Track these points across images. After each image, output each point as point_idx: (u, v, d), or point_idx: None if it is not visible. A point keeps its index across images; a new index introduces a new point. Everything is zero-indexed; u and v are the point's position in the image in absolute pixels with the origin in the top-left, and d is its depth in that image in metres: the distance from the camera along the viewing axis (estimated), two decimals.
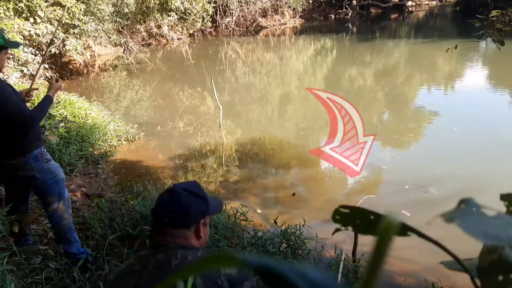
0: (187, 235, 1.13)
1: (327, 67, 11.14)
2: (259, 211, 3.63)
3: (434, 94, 7.62)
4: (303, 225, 2.81)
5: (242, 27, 17.87)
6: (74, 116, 5.11)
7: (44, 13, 8.01)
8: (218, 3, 16.37)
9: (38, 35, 7.82)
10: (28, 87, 2.44)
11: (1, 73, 2.19)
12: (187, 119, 6.67)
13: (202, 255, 0.99)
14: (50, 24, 8.23)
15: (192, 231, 1.14)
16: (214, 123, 6.17)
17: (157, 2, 11.38)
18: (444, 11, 22.31)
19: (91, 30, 9.39)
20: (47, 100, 2.22)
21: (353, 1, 21.76)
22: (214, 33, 17.61)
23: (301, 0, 19.56)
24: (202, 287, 0.99)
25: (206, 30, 17.26)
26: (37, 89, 2.31)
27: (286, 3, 19.03)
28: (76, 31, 8.95)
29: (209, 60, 12.77)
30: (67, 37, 8.77)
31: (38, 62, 7.90)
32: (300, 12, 20.47)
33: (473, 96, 7.10)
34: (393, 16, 21.58)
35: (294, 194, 4.01)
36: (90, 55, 10.63)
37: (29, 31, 7.56)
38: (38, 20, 7.94)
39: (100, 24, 9.97)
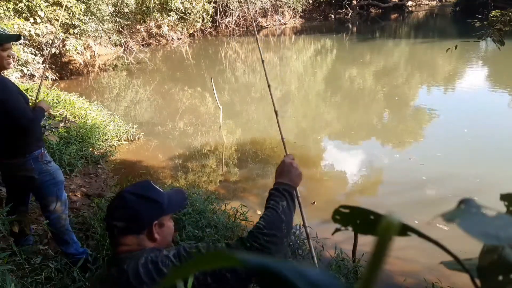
0: (140, 241, 1.05)
1: (327, 67, 11.15)
2: (259, 211, 3.63)
3: (434, 94, 7.62)
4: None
5: (242, 27, 17.87)
6: (74, 116, 5.11)
7: (44, 13, 8.01)
8: (218, 3, 16.38)
9: (38, 35, 7.83)
10: (29, 87, 2.44)
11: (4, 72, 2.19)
12: (187, 119, 6.67)
13: (177, 252, 0.99)
14: (50, 24, 8.23)
15: (145, 235, 1.05)
16: (214, 123, 6.17)
17: (157, 2, 11.38)
18: (444, 11, 22.32)
19: (91, 30, 9.40)
20: (42, 111, 2.22)
21: (353, 1, 21.76)
22: (214, 33, 17.61)
23: (301, 0, 19.56)
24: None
25: (206, 30, 17.27)
26: (41, 100, 2.32)
27: (286, 3, 19.04)
28: (76, 31, 8.95)
29: (209, 60, 12.77)
30: (67, 37, 8.77)
31: (38, 62, 7.90)
32: (300, 12, 20.48)
33: (473, 96, 7.10)
34: (393, 16, 21.59)
35: (314, 202, 3.72)
36: (90, 55, 10.64)
37: (29, 31, 7.56)
38: (38, 20, 7.94)
39: (100, 24, 9.97)
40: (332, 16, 21.58)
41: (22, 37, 2.25)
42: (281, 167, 1.24)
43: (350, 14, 21.22)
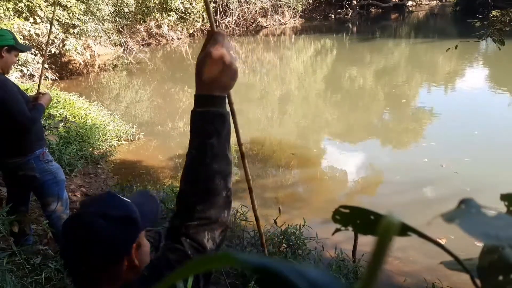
0: (119, 276, 0.79)
1: (327, 67, 11.15)
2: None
3: (434, 94, 7.62)
4: (303, 225, 2.81)
5: (242, 27, 17.87)
6: (74, 116, 5.11)
7: (44, 13, 8.01)
8: (218, 3, 16.37)
9: (38, 35, 7.83)
10: (29, 87, 2.45)
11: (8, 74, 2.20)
12: (187, 119, 6.58)
13: (164, 265, 0.76)
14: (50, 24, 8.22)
15: (124, 265, 0.79)
16: None
17: (157, 2, 11.38)
18: (444, 11, 22.32)
19: (90, 30, 9.39)
20: (42, 108, 2.22)
21: (353, 1, 21.76)
22: None
23: (301, 0, 19.56)
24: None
25: (206, 30, 17.26)
26: (45, 93, 2.31)
27: (286, 3, 19.03)
28: (75, 31, 8.95)
29: None
30: (67, 37, 8.77)
31: (38, 62, 7.90)
32: (300, 12, 20.47)
33: (473, 96, 7.10)
34: (393, 16, 21.59)
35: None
36: (90, 55, 10.64)
37: (29, 31, 7.56)
38: (38, 20, 7.94)
39: (100, 24, 9.97)
40: (332, 16, 21.58)
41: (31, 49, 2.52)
42: (205, 64, 0.75)
43: (350, 14, 21.22)
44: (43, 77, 8.49)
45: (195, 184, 0.77)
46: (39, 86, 2.55)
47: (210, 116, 0.75)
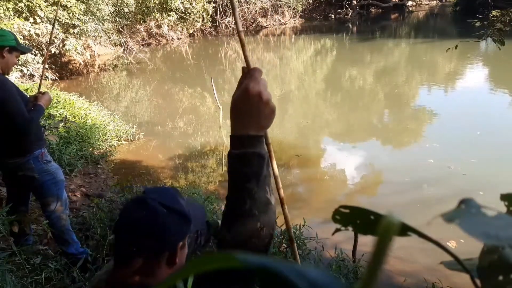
0: (155, 269, 0.79)
1: (327, 67, 11.15)
2: None
3: (434, 94, 7.62)
4: (303, 225, 2.81)
5: (242, 27, 17.83)
6: (74, 116, 5.11)
7: (44, 13, 8.01)
8: (218, 3, 16.38)
9: (38, 35, 7.83)
10: (29, 87, 2.45)
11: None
12: (187, 119, 6.67)
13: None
14: (50, 24, 8.23)
15: (164, 260, 0.80)
16: (214, 123, 6.17)
17: (157, 2, 11.38)
18: (444, 11, 22.32)
19: (91, 30, 9.40)
20: (41, 109, 2.22)
21: (353, 1, 21.76)
22: (214, 33, 17.61)
23: (301, 0, 19.56)
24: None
25: (206, 30, 17.27)
26: (44, 92, 2.30)
27: (286, 3, 19.03)
28: (75, 31, 8.95)
29: (209, 60, 12.77)
30: (67, 37, 8.77)
31: (38, 62, 7.90)
32: (300, 12, 20.48)
33: (473, 96, 7.10)
34: (393, 16, 21.59)
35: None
36: (90, 55, 10.64)
37: (29, 31, 7.56)
38: (38, 20, 7.94)
39: (100, 24, 9.98)
40: (332, 16, 21.58)
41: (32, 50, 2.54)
42: (241, 102, 0.71)
43: (350, 14, 21.22)
44: (43, 77, 8.49)
45: (236, 235, 0.72)
46: (39, 86, 2.55)
47: (248, 158, 0.70)
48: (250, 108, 0.70)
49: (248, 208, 0.70)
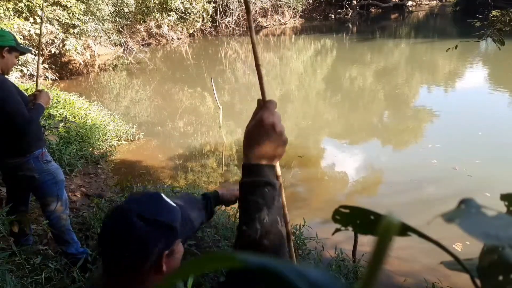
0: (142, 278, 0.80)
1: (327, 67, 11.15)
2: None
3: (434, 94, 7.62)
4: (303, 225, 2.81)
5: (242, 27, 17.87)
6: (74, 116, 5.11)
7: (44, 13, 8.01)
8: (218, 3, 16.37)
9: (38, 35, 7.82)
10: (29, 87, 2.45)
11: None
12: (187, 119, 6.67)
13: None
14: (50, 24, 8.23)
15: (150, 269, 0.80)
16: (214, 123, 6.17)
17: (157, 2, 11.39)
18: (444, 11, 22.32)
19: (91, 30, 9.40)
20: (41, 108, 2.22)
21: (353, 1, 21.76)
22: (214, 33, 17.61)
23: (301, 0, 19.57)
24: None
25: (206, 30, 17.27)
26: (41, 90, 2.30)
27: (286, 3, 19.04)
28: (76, 31, 8.95)
29: (209, 60, 12.77)
30: (67, 37, 8.77)
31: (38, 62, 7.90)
32: (300, 12, 20.48)
33: (473, 97, 7.10)
34: (393, 16, 21.59)
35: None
36: (90, 55, 10.64)
37: (29, 31, 7.57)
38: (38, 20, 7.94)
39: (100, 24, 9.98)
40: (332, 16, 21.58)
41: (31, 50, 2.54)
42: (255, 133, 0.75)
43: (350, 14, 21.23)
44: (42, 77, 8.48)
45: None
46: (36, 84, 2.55)
47: (260, 187, 0.71)
48: (263, 138, 0.73)
49: (259, 238, 0.69)
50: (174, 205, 0.87)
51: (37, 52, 8.13)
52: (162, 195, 0.87)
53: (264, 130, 0.73)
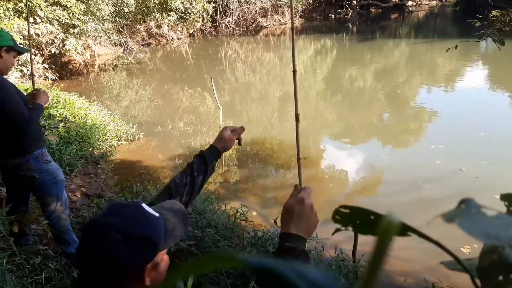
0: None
1: (327, 67, 11.15)
2: (254, 213, 3.63)
3: (434, 94, 7.62)
4: None
5: (242, 27, 17.87)
6: (74, 116, 5.11)
7: (44, 13, 8.01)
8: (218, 3, 16.37)
9: (38, 35, 7.83)
10: (29, 87, 2.45)
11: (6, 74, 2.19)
12: (187, 119, 6.67)
13: None
14: (50, 24, 8.23)
15: (134, 282, 0.79)
16: (214, 123, 6.17)
17: (157, 2, 11.39)
18: (444, 11, 22.32)
19: (91, 30, 9.40)
20: (40, 108, 2.22)
21: (353, 1, 21.76)
22: (214, 33, 17.61)
23: (301, 0, 19.56)
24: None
25: (206, 30, 17.27)
26: (38, 89, 2.30)
27: (286, 3, 19.03)
28: (76, 31, 8.95)
29: (209, 60, 12.77)
30: (67, 37, 8.77)
31: (38, 62, 7.91)
32: (300, 12, 20.48)
33: (473, 97, 7.10)
34: (393, 16, 21.59)
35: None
36: (90, 55, 10.64)
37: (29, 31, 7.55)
38: (38, 20, 7.94)
39: (100, 24, 9.97)
40: (332, 16, 21.58)
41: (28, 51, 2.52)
42: (297, 209, 0.90)
43: (350, 14, 21.22)
44: (42, 77, 8.48)
45: None
46: (33, 83, 2.55)
47: (298, 252, 0.85)
48: (302, 215, 0.89)
49: None
50: (157, 215, 0.84)
51: (37, 52, 8.12)
52: (143, 205, 0.85)
53: (304, 208, 0.90)
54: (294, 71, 0.87)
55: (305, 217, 0.89)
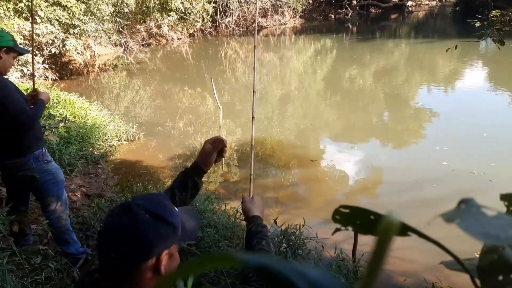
0: (138, 277, 0.79)
1: (327, 67, 11.15)
2: None
3: (434, 94, 7.62)
4: (303, 225, 2.81)
5: (242, 27, 17.87)
6: (74, 116, 5.11)
7: (44, 13, 8.01)
8: (218, 3, 16.37)
9: (38, 35, 7.83)
10: (29, 87, 2.45)
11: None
12: (187, 119, 6.67)
13: None
14: (50, 24, 8.23)
15: (149, 268, 0.80)
16: (214, 123, 6.17)
17: (157, 2, 11.38)
18: (444, 11, 22.32)
19: (91, 30, 9.39)
20: (42, 104, 2.21)
21: (353, 1, 21.76)
22: (214, 33, 17.60)
23: (301, 0, 19.56)
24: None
25: (206, 30, 17.26)
26: (36, 89, 2.30)
27: (286, 3, 19.03)
28: (76, 31, 8.95)
29: (209, 60, 12.77)
30: (67, 37, 8.77)
31: (38, 62, 7.91)
32: (300, 12, 20.47)
33: (474, 97, 7.10)
34: (393, 16, 21.59)
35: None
36: (90, 55, 10.64)
37: (29, 31, 7.56)
38: (38, 20, 7.94)
39: (100, 24, 9.97)
40: (332, 16, 21.58)
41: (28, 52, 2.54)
42: (253, 202, 1.37)
43: (350, 14, 21.22)
44: (43, 77, 8.48)
45: None
46: (33, 84, 2.55)
47: (262, 225, 1.29)
48: (256, 204, 1.38)
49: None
50: (176, 209, 0.89)
51: (37, 52, 8.12)
52: (165, 195, 0.92)
53: (256, 201, 1.40)
54: (254, 92, 1.02)
55: (258, 204, 1.35)
